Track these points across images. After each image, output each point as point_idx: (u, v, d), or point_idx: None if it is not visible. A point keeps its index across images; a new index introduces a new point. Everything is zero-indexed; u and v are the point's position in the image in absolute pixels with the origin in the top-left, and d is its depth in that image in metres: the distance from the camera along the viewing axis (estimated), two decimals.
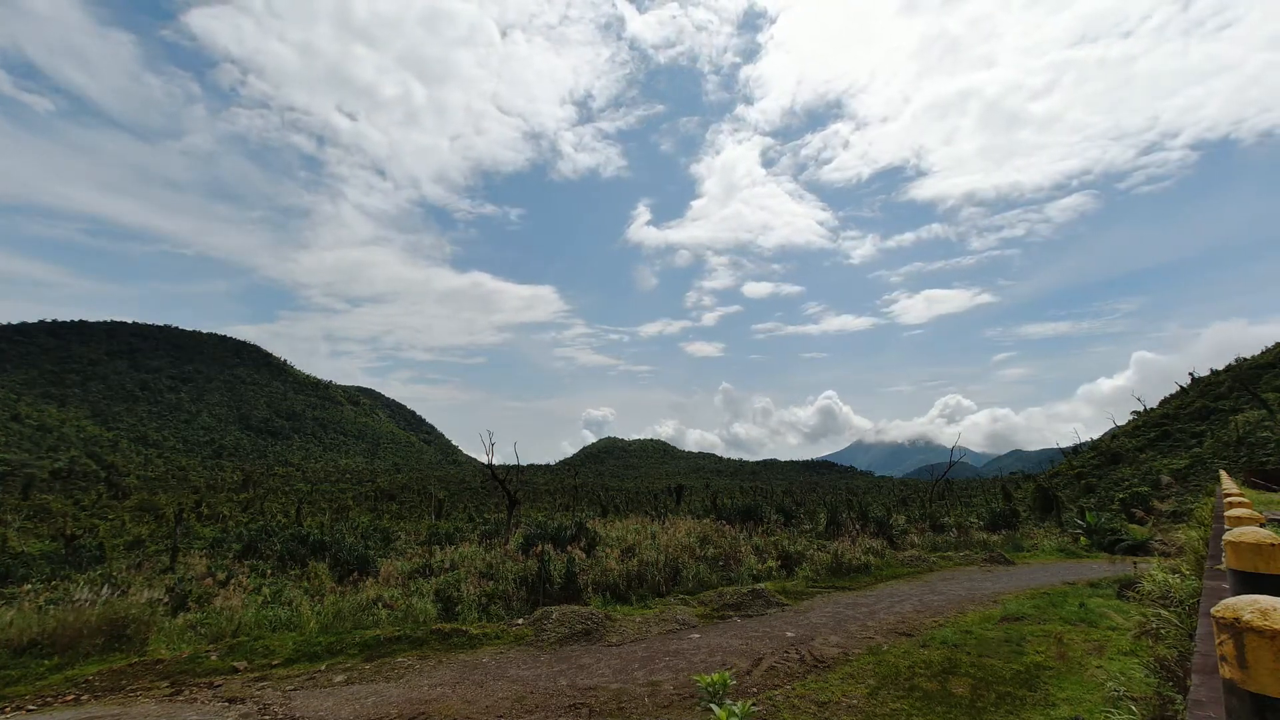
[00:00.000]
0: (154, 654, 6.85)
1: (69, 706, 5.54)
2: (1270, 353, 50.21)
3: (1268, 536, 2.45)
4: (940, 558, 13.36)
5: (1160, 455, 41.80)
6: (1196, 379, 54.85)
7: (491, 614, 8.49)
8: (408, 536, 31.40)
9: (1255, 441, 33.64)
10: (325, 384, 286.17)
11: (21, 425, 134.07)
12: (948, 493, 68.57)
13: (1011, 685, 5.26)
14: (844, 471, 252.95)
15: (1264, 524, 4.11)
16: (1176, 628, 4.17)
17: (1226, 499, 6.92)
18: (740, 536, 13.09)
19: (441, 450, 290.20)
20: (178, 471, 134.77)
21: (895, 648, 6.52)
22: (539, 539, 12.32)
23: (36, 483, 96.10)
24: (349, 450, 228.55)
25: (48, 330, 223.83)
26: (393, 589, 9.71)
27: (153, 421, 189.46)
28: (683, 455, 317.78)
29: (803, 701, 5.01)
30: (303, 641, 7.10)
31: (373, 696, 5.52)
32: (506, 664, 6.37)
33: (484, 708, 5.13)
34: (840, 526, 16.43)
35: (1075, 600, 8.41)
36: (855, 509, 19.24)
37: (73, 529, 46.18)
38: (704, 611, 8.56)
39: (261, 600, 9.99)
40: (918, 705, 4.89)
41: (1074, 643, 6.44)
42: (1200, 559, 5.67)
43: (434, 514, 56.11)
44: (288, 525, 39.26)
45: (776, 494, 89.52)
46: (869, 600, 9.30)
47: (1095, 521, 17.06)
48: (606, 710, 4.99)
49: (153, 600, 8.31)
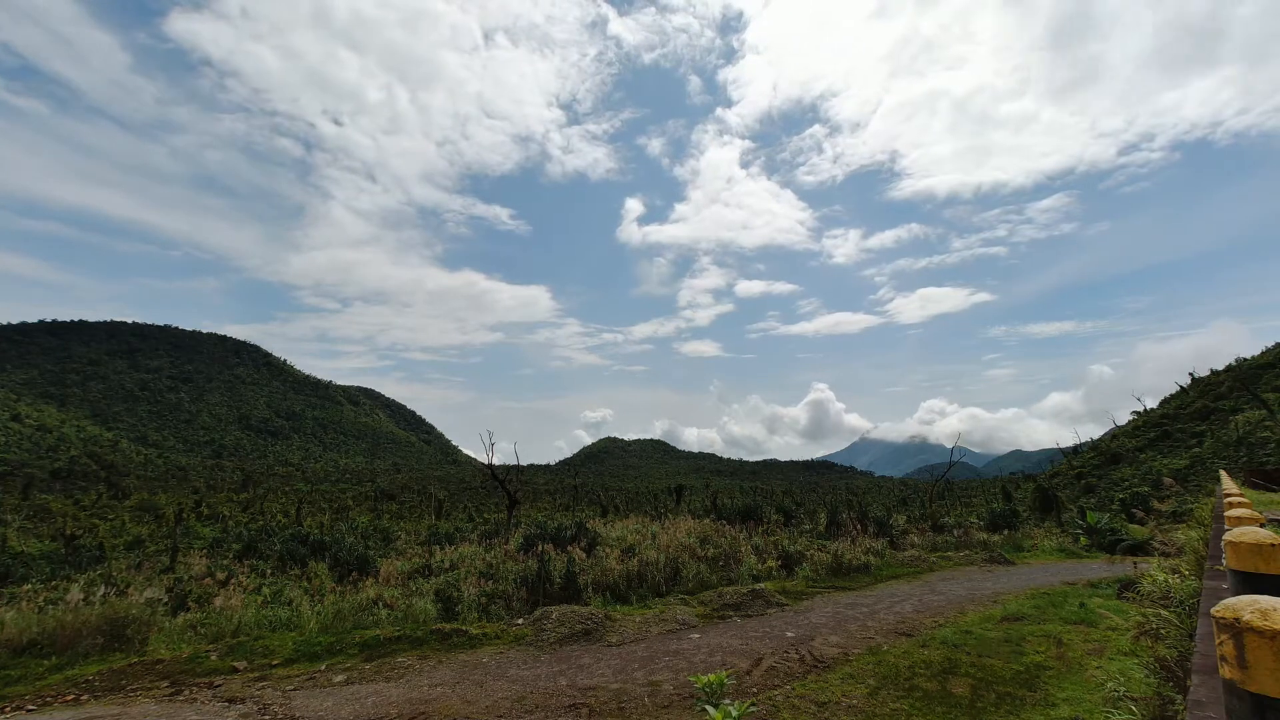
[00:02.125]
0: (154, 654, 6.85)
1: (69, 706, 5.53)
2: (1270, 353, 50.20)
3: (1268, 536, 2.45)
4: (940, 558, 13.36)
5: (1160, 455, 41.80)
6: (1196, 379, 54.83)
7: (491, 614, 8.48)
8: (408, 536, 31.43)
9: (1255, 441, 33.64)
10: (325, 384, 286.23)
11: (21, 425, 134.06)
12: (948, 493, 68.57)
13: (1011, 685, 5.26)
14: (844, 471, 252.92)
15: (1264, 524, 4.11)
16: (1176, 628, 4.17)
17: (1226, 499, 6.92)
18: (740, 536, 13.08)
19: (441, 450, 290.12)
20: (178, 471, 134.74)
21: (895, 648, 6.52)
22: (539, 539, 12.32)
23: (36, 483, 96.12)
24: (349, 450, 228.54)
25: (48, 330, 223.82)
26: (393, 589, 9.71)
27: (153, 421, 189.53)
28: (682, 455, 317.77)
29: (803, 701, 5.01)
30: (303, 641, 7.10)
31: (373, 696, 5.51)
32: (506, 664, 6.37)
33: (484, 708, 5.12)
34: (840, 526, 16.42)
35: (1075, 600, 8.41)
36: (855, 509, 19.24)
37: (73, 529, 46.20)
38: (704, 611, 8.56)
39: (261, 600, 9.97)
40: (918, 705, 4.89)
41: (1074, 643, 6.44)
42: (1200, 559, 5.67)
43: (434, 514, 56.09)
44: (288, 525, 39.29)
45: (776, 494, 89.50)
46: (869, 600, 9.29)
47: (1095, 521, 17.06)
48: (606, 710, 4.99)
49: (153, 600, 8.31)
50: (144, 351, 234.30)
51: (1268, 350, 51.46)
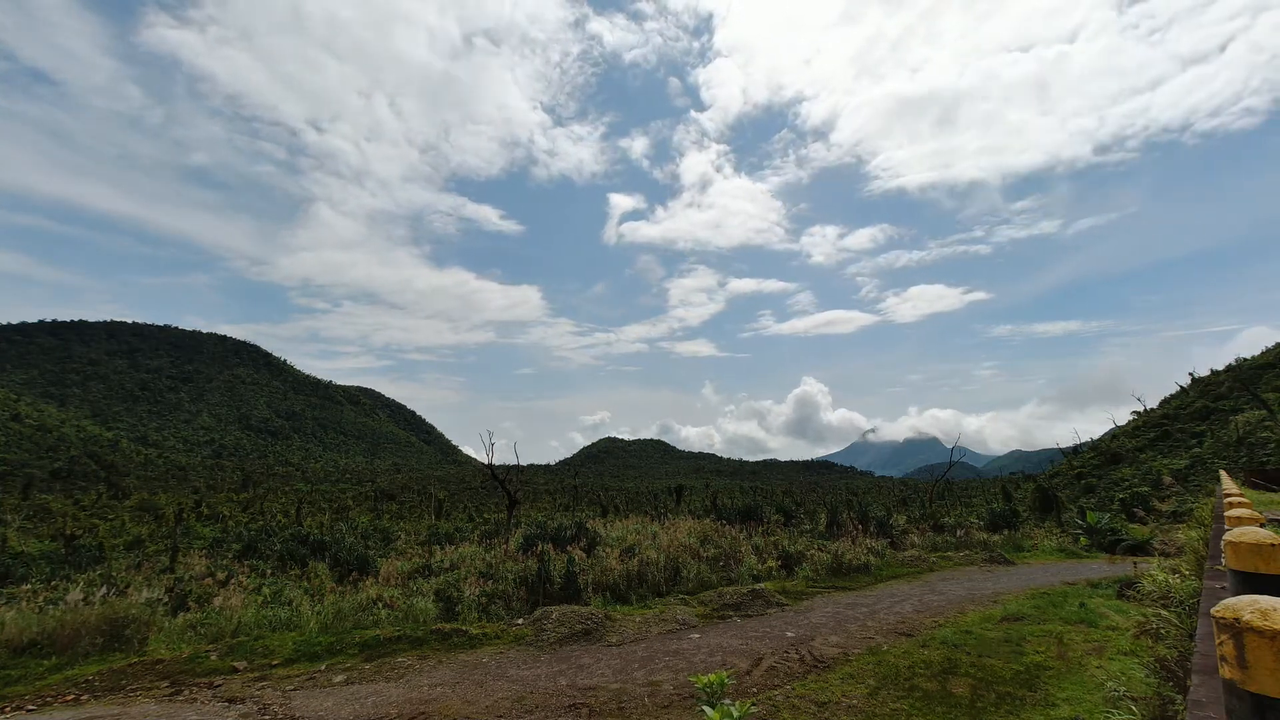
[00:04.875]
0: (154, 654, 6.85)
1: (69, 706, 5.53)
2: (1270, 353, 50.20)
3: (1268, 537, 2.45)
4: (940, 558, 13.36)
5: (1160, 455, 41.80)
6: (1196, 379, 54.83)
7: (491, 614, 8.48)
8: (408, 536, 31.42)
9: (1255, 441, 33.65)
10: (325, 384, 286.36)
11: (21, 425, 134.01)
12: (948, 493, 68.57)
13: (1011, 685, 5.26)
14: (844, 471, 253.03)
15: (1264, 524, 4.11)
16: (1176, 628, 4.17)
17: (1226, 499, 6.92)
18: (740, 536, 13.08)
19: (441, 450, 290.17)
20: (178, 471, 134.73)
21: (895, 648, 6.52)
22: (539, 539, 12.32)
23: (36, 483, 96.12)
24: (349, 450, 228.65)
25: (48, 330, 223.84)
26: (393, 589, 9.71)
27: (153, 421, 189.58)
28: (682, 455, 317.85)
29: (803, 701, 5.01)
30: (303, 641, 7.10)
31: (373, 696, 5.51)
32: (506, 664, 6.37)
33: (484, 708, 5.12)
34: (840, 526, 16.41)
35: (1075, 600, 8.41)
36: (855, 509, 19.23)
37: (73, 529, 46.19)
38: (704, 611, 8.56)
39: (261, 600, 9.97)
40: (918, 705, 4.89)
41: (1074, 643, 6.44)
42: (1200, 559, 5.67)
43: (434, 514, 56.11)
44: (288, 525, 39.29)
45: (776, 494, 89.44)
46: (869, 600, 9.29)
47: (1095, 521, 17.06)
48: (606, 710, 4.99)
49: (152, 600, 8.31)
50: (144, 351, 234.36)
51: (1268, 350, 51.45)
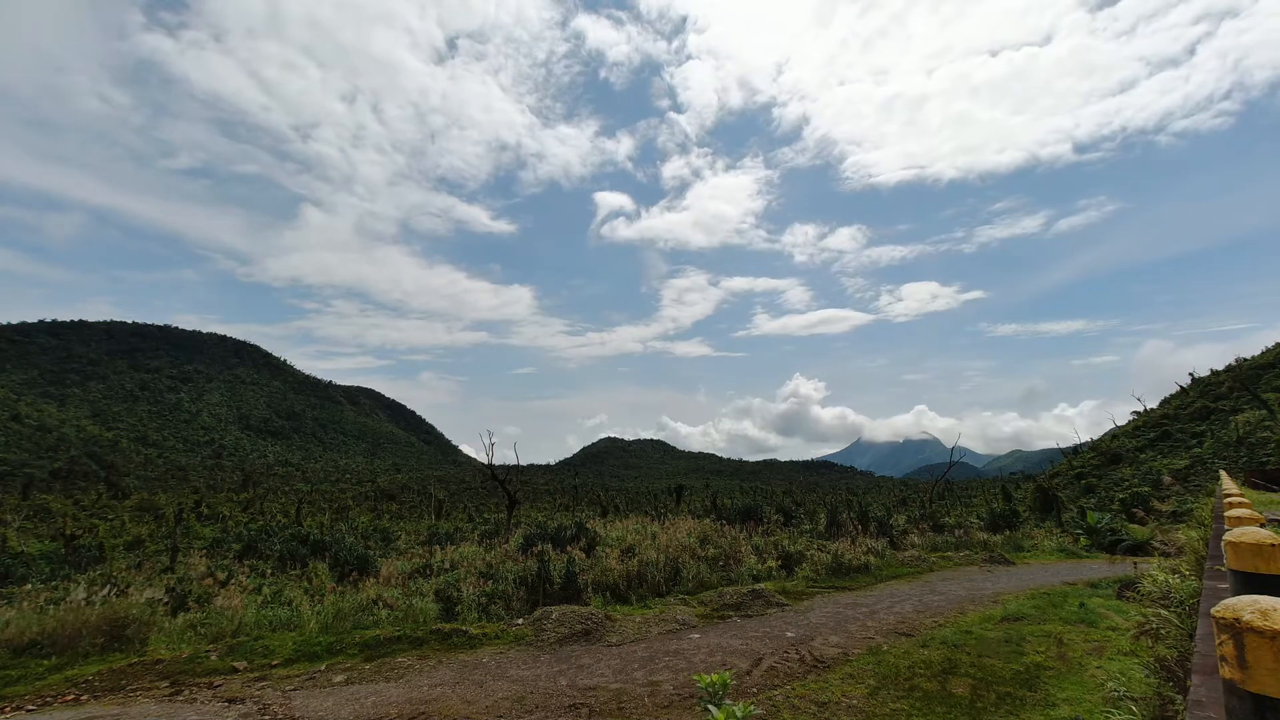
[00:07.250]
0: (154, 654, 6.85)
1: (69, 706, 5.53)
2: (1270, 353, 50.20)
3: (1268, 537, 2.45)
4: (940, 558, 13.37)
5: (1160, 455, 41.79)
6: (1196, 379, 54.84)
7: (491, 614, 8.48)
8: (408, 536, 31.43)
9: (1255, 442, 33.65)
10: (325, 384, 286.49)
11: (21, 425, 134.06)
12: (948, 493, 68.57)
13: (1011, 685, 5.26)
14: (843, 471, 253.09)
15: (1264, 524, 4.11)
16: (1176, 628, 4.18)
17: (1226, 499, 6.92)
18: (740, 536, 13.08)
19: (441, 450, 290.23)
20: (178, 471, 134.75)
21: (895, 648, 6.52)
22: (539, 539, 12.32)
23: (36, 483, 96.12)
24: (349, 450, 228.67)
25: (48, 330, 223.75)
26: (393, 589, 9.71)
27: (153, 421, 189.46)
28: (682, 455, 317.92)
29: (803, 702, 5.01)
30: (303, 641, 7.10)
31: (373, 696, 5.51)
32: (506, 664, 6.37)
33: (484, 708, 5.12)
34: (840, 526, 16.42)
35: (1075, 600, 8.41)
36: (855, 509, 19.23)
37: (73, 529, 46.17)
38: (704, 611, 8.56)
39: (261, 600, 9.97)
40: (918, 705, 4.89)
41: (1074, 643, 6.44)
42: (1200, 559, 5.67)
43: (434, 514, 56.14)
44: (288, 525, 39.25)
45: (776, 494, 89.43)
46: (869, 600, 9.29)
47: (1095, 521, 17.06)
48: (606, 710, 4.99)
49: (153, 600, 8.30)
50: (144, 351, 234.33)
51: (1268, 350, 51.45)
